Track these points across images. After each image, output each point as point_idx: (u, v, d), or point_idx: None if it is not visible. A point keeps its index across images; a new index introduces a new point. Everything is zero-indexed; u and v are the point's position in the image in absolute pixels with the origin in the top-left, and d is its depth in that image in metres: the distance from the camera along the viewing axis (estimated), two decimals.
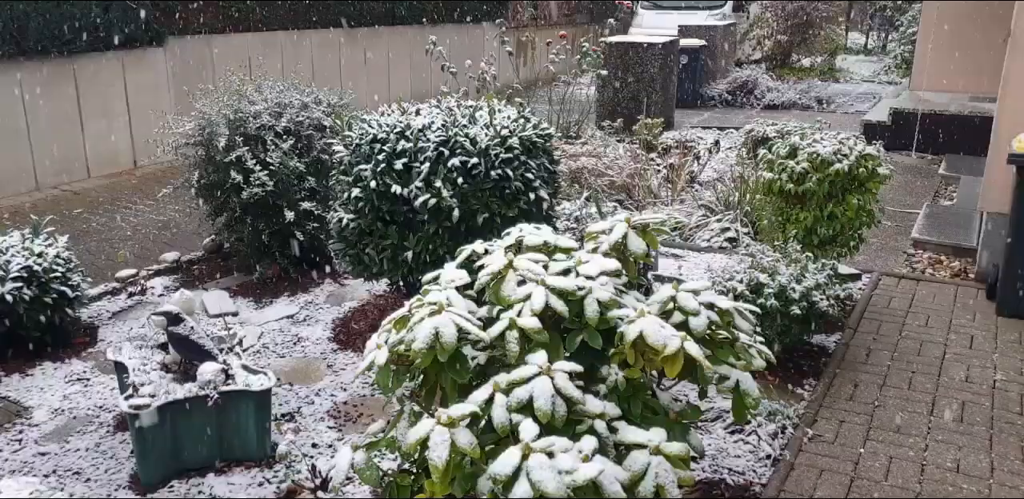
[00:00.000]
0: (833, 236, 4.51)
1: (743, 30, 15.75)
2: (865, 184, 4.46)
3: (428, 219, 3.81)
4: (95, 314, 4.63)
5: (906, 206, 6.96)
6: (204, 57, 8.73)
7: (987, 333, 4.33)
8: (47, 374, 3.94)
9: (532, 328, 2.19)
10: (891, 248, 5.92)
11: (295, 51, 9.84)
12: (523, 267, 2.39)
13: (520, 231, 2.74)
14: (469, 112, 4.09)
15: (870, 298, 4.79)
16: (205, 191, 4.96)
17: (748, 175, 6.39)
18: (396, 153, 3.84)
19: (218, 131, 4.72)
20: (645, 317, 2.25)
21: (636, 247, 2.66)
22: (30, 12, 6.80)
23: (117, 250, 5.80)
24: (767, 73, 13.87)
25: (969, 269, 5.39)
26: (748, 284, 3.82)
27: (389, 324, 2.42)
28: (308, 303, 4.80)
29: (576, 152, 7.67)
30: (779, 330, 3.77)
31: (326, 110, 5.08)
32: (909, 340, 4.25)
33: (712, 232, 6.03)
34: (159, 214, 6.72)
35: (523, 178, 3.91)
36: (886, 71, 15.74)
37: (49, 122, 7.32)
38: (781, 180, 4.54)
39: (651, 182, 7.09)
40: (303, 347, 4.23)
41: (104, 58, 7.70)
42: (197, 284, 5.09)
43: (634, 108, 9.74)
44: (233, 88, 4.99)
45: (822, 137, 4.65)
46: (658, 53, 9.82)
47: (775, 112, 11.54)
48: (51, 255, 4.10)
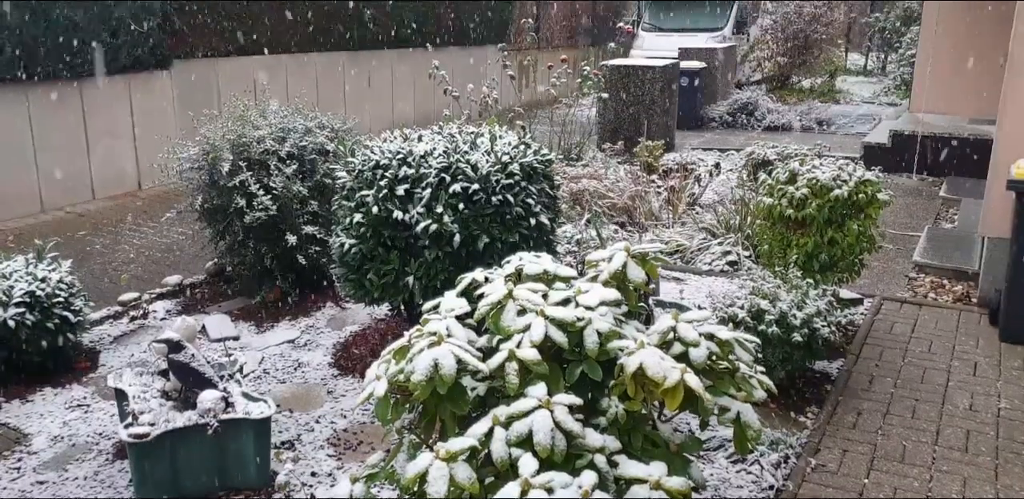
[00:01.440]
0: (834, 261, 4.51)
1: (743, 52, 15.85)
2: (865, 209, 4.47)
3: (429, 244, 3.82)
4: (97, 338, 4.63)
5: (907, 229, 6.97)
6: (209, 80, 8.80)
7: (990, 360, 4.32)
8: (47, 400, 3.93)
9: (532, 360, 2.19)
10: (893, 272, 5.92)
11: (300, 74, 9.92)
12: (523, 297, 2.40)
13: (520, 259, 2.75)
14: (471, 138, 4.11)
15: (872, 323, 4.78)
16: (208, 215, 4.99)
17: (749, 198, 6.40)
18: (398, 179, 3.86)
19: (222, 156, 4.75)
20: (645, 349, 2.24)
21: (636, 276, 2.66)
22: (39, 36, 6.86)
23: (120, 273, 5.81)
24: (767, 95, 13.94)
25: (972, 293, 5.38)
26: (749, 310, 3.81)
27: (389, 354, 2.42)
28: (309, 327, 4.80)
29: (577, 174, 7.70)
30: (781, 357, 3.77)
31: (329, 135, 5.11)
32: (912, 367, 4.24)
33: (713, 255, 6.04)
34: (163, 237, 6.74)
35: (524, 204, 3.93)
36: (886, 92, 15.80)
37: (56, 145, 7.37)
38: (781, 205, 4.55)
39: (652, 204, 7.10)
40: (304, 373, 4.23)
41: (111, 81, 7.76)
42: (199, 308, 5.10)
43: (635, 130, 9.78)
44: (238, 113, 5.02)
45: (821, 163, 4.67)
46: (658, 76, 9.88)
47: (776, 134, 11.58)
48: (54, 280, 4.11)
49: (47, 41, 6.95)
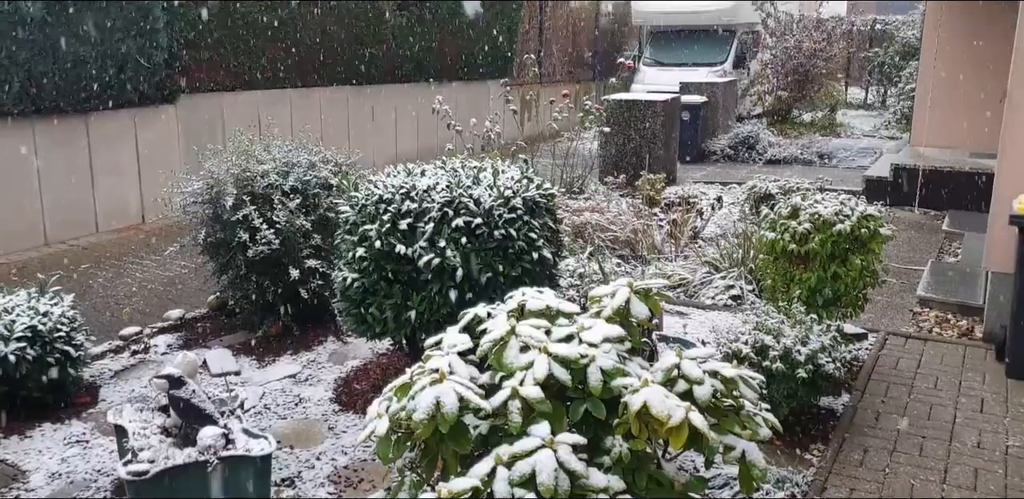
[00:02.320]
0: (837, 296, 4.50)
1: (744, 86, 15.98)
2: (868, 244, 4.46)
3: (432, 279, 3.82)
4: (97, 373, 4.60)
5: (910, 263, 6.96)
6: (214, 114, 8.88)
7: (997, 396, 4.28)
8: (46, 436, 3.90)
9: (535, 398, 2.17)
10: (897, 306, 5.90)
11: (304, 108, 10.01)
12: (525, 334, 2.39)
13: (523, 295, 2.74)
14: (473, 173, 4.13)
15: (877, 358, 4.75)
16: (211, 249, 4.99)
17: (751, 232, 6.40)
18: (401, 213, 3.87)
19: (226, 190, 4.77)
20: (649, 386, 2.23)
21: (639, 312, 2.66)
22: (47, 71, 6.93)
23: (122, 307, 5.80)
24: (768, 128, 14.02)
25: (977, 328, 5.36)
26: (753, 346, 3.79)
27: (390, 391, 2.40)
28: (311, 362, 4.77)
29: (580, 207, 7.72)
30: (786, 393, 3.74)
31: (333, 169, 5.14)
32: (918, 403, 4.20)
33: (716, 289, 6.02)
34: (165, 270, 6.74)
35: (526, 238, 3.93)
36: (886, 126, 15.89)
37: (61, 178, 7.41)
38: (784, 240, 4.55)
39: (654, 237, 7.11)
40: (304, 408, 4.20)
41: (117, 115, 7.83)
42: (201, 342, 5.08)
43: (637, 163, 9.83)
44: (242, 148, 5.05)
45: (823, 197, 4.68)
46: (660, 110, 9.96)
47: (777, 167, 11.63)
48: (56, 314, 4.10)
49: (55, 76, 7.02)
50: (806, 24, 15.94)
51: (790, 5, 17.42)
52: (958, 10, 9.34)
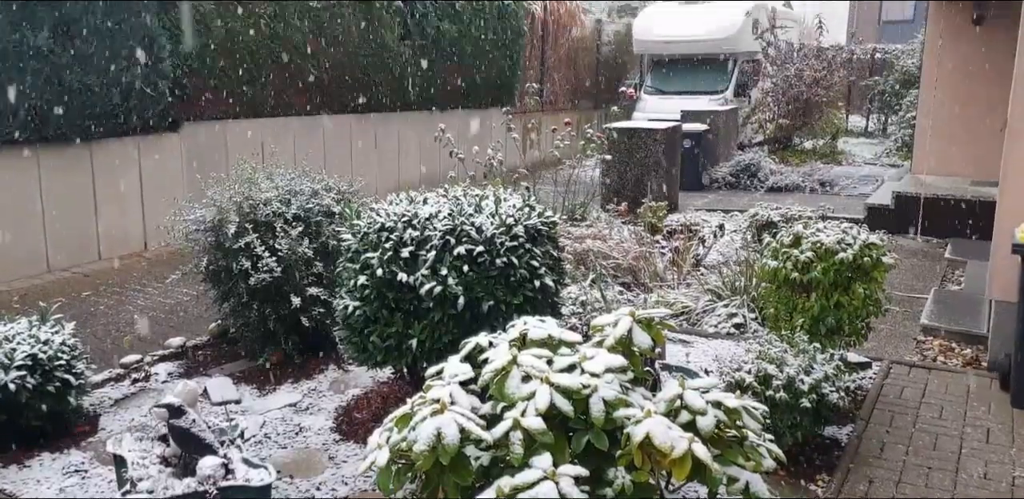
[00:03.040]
0: (840, 325, 4.48)
1: (745, 114, 16.07)
2: (870, 273, 4.46)
3: (433, 307, 3.81)
4: (97, 401, 4.58)
5: (913, 291, 6.94)
6: (218, 142, 8.93)
7: (1003, 426, 4.24)
8: (45, 465, 3.87)
9: (536, 429, 2.16)
10: (900, 334, 5.87)
11: (308, 136, 10.07)
12: (527, 363, 2.38)
13: (524, 324, 2.74)
14: (475, 201, 4.14)
15: (881, 388, 4.72)
16: (213, 276, 4.99)
17: (754, 260, 6.40)
18: (403, 241, 3.87)
19: (228, 218, 4.78)
20: (652, 417, 2.22)
21: (641, 342, 2.65)
22: (52, 100, 6.99)
23: (124, 334, 5.79)
24: (770, 156, 14.08)
25: (981, 357, 5.33)
26: (756, 375, 3.77)
27: (391, 422, 2.39)
28: (311, 390, 4.75)
29: (582, 234, 7.72)
30: (790, 423, 3.71)
31: (336, 197, 5.16)
32: (923, 433, 4.17)
33: (719, 317, 6.01)
34: (167, 297, 6.74)
35: (528, 266, 3.93)
36: (887, 154, 15.95)
37: (64, 206, 7.44)
38: (786, 269, 4.54)
39: (657, 265, 7.10)
40: (305, 437, 4.17)
41: (121, 143, 7.88)
42: (202, 370, 5.06)
43: (638, 191, 9.86)
44: (245, 176, 5.08)
45: (825, 225, 4.68)
46: (661, 138, 10.01)
47: (779, 194, 11.66)
48: (57, 342, 4.09)
49: (61, 104, 7.08)
50: (806, 53, 16.07)
51: (790, 34, 17.60)
52: (957, 39, 9.43)
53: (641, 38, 17.06)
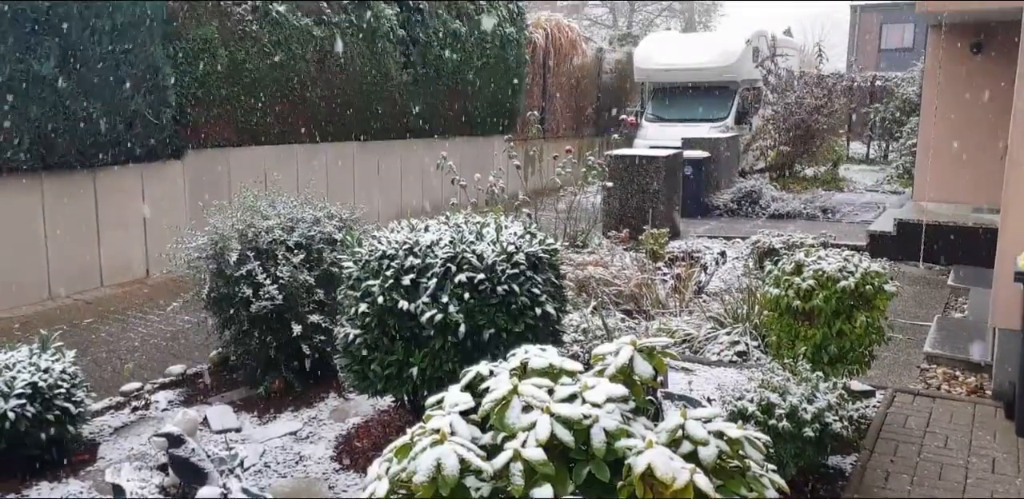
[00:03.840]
0: (843, 353, 4.46)
1: (746, 141, 16.15)
2: (872, 301, 4.45)
3: (434, 335, 3.80)
4: (97, 429, 4.55)
5: (916, 318, 6.92)
6: (221, 169, 8.98)
7: (1008, 456, 4.21)
8: (43, 494, 3.83)
9: (537, 460, 2.14)
10: (904, 362, 5.85)
11: (311, 163, 10.13)
12: (528, 393, 2.37)
13: (525, 353, 2.73)
14: (476, 228, 4.15)
15: (885, 416, 4.69)
16: (215, 304, 4.99)
17: (756, 287, 6.39)
18: (404, 269, 3.87)
19: (230, 245, 4.79)
20: (653, 448, 2.20)
21: (643, 371, 2.64)
22: (57, 128, 7.04)
23: (124, 361, 5.77)
24: (771, 183, 14.12)
25: (986, 385, 5.30)
26: (759, 404, 3.75)
27: (391, 452, 2.37)
28: (312, 419, 4.72)
29: (583, 261, 7.73)
30: (793, 452, 3.68)
31: (338, 224, 5.17)
32: (928, 463, 4.13)
33: (722, 345, 5.98)
34: (168, 325, 6.73)
35: (529, 293, 3.92)
36: (889, 180, 16.00)
37: (67, 233, 7.46)
38: (788, 297, 4.53)
39: (659, 292, 7.09)
40: (305, 466, 4.13)
41: (124, 171, 7.92)
42: (202, 398, 5.04)
43: (640, 218, 9.88)
44: (247, 204, 5.10)
45: (827, 253, 4.68)
46: (662, 165, 10.05)
47: (780, 221, 11.67)
48: (57, 370, 4.09)
49: (65, 132, 7.13)
50: (807, 80, 16.19)
51: (791, 62, 17.74)
52: (957, 67, 9.50)
53: (642, 66, 17.21)
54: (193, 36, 8.25)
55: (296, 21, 9.41)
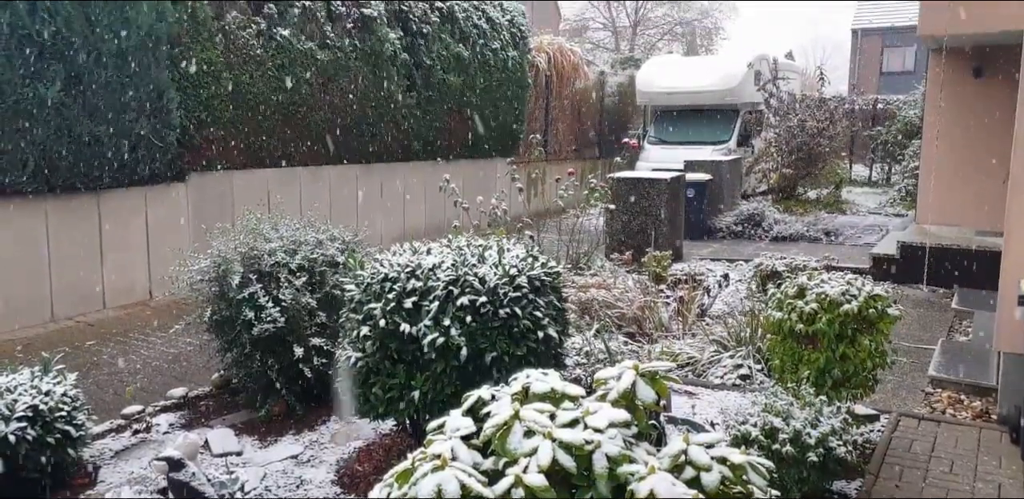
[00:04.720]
0: (847, 377, 4.44)
1: (748, 164, 16.20)
2: (876, 324, 4.43)
3: (436, 358, 3.79)
4: (97, 453, 4.53)
5: (920, 341, 6.89)
6: (224, 191, 9.02)
7: (1015, 481, 4.17)
8: None
9: (539, 486, 2.13)
10: (908, 386, 5.81)
11: (314, 185, 10.17)
12: (529, 418, 2.36)
13: (527, 377, 2.72)
14: (479, 251, 4.15)
15: (890, 441, 4.65)
16: (217, 327, 4.99)
17: (759, 310, 6.38)
18: (406, 292, 3.87)
19: (232, 268, 4.80)
20: (656, 474, 2.19)
21: (645, 395, 2.63)
22: (62, 151, 7.08)
23: (126, 384, 5.76)
24: (774, 205, 14.14)
25: (991, 409, 5.26)
26: (762, 429, 3.72)
27: (392, 477, 2.36)
28: (313, 442, 4.70)
29: (586, 283, 7.72)
30: (796, 478, 3.65)
31: (340, 247, 5.18)
32: (934, 488, 4.09)
33: (725, 368, 5.96)
34: (170, 347, 6.72)
35: (531, 316, 3.92)
36: (891, 203, 16.02)
37: (70, 255, 7.48)
38: (791, 320, 4.52)
39: (661, 315, 7.08)
40: (306, 491, 4.10)
41: (128, 193, 7.96)
42: (203, 421, 5.02)
43: (643, 240, 9.89)
44: (250, 226, 5.11)
45: (830, 277, 4.68)
46: (664, 188, 10.08)
47: (783, 244, 11.67)
48: (58, 393, 4.07)
49: (69, 155, 7.17)
50: (809, 103, 16.27)
51: (792, 85, 17.84)
52: (958, 90, 9.55)
53: (644, 89, 17.32)
54: (198, 59, 8.32)
55: (300, 45, 9.49)
